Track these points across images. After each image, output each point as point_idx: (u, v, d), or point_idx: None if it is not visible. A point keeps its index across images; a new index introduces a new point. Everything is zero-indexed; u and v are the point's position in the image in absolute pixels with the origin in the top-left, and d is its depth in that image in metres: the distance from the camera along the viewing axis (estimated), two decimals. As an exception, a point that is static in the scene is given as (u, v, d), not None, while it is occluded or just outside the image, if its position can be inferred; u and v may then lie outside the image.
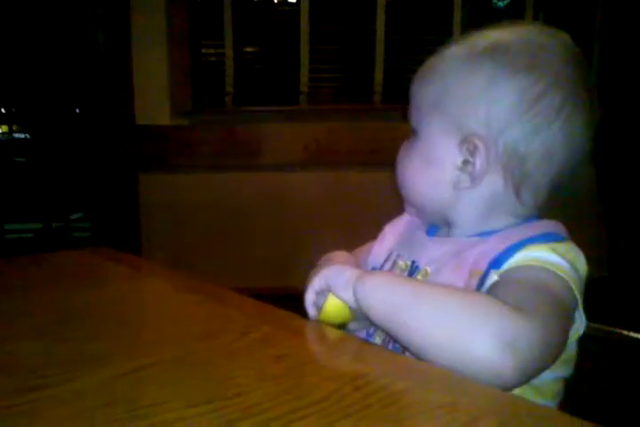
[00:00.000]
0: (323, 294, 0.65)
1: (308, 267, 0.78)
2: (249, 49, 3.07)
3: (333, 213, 2.86)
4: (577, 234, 0.68)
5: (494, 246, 0.63)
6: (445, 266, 0.66)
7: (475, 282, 0.61)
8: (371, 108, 3.06)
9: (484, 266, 0.62)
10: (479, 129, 0.65)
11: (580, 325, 0.60)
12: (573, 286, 0.58)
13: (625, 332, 0.75)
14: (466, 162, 0.66)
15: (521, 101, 0.64)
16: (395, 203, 0.80)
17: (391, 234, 0.80)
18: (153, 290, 0.79)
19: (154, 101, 2.84)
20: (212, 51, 3.02)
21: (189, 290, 0.76)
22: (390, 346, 0.67)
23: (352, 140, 2.95)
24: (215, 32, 2.95)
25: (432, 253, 0.70)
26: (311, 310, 0.67)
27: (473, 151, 0.65)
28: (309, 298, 0.67)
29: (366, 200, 2.80)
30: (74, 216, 4.35)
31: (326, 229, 2.60)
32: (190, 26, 2.88)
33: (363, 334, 0.71)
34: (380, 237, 0.82)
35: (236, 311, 0.67)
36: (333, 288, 0.63)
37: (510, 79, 0.64)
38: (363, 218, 2.81)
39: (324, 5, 2.98)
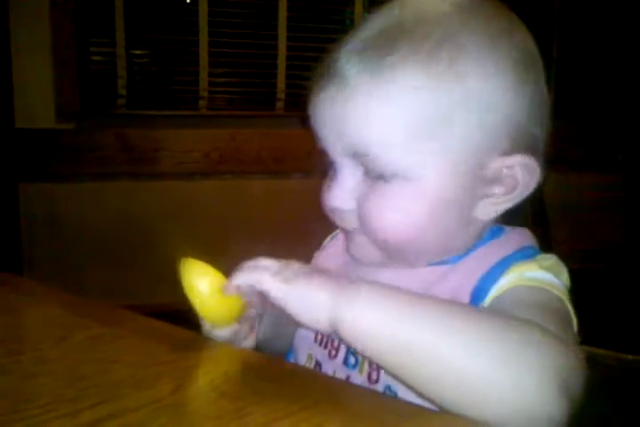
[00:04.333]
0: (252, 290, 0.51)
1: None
2: (143, 50, 2.88)
3: (238, 224, 2.72)
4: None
5: (470, 275, 0.53)
6: None
7: None
8: (273, 115, 2.98)
9: (465, 300, 0.52)
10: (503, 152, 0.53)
11: None
12: (570, 307, 0.52)
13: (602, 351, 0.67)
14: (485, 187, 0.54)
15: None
16: (301, 211, 0.67)
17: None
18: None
19: (36, 102, 2.58)
20: (102, 49, 2.80)
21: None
22: (381, 385, 0.54)
23: (255, 147, 2.85)
24: (106, 30, 2.74)
25: None
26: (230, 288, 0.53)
27: (504, 178, 0.54)
28: (238, 280, 0.52)
29: (272, 209, 2.71)
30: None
31: (231, 241, 2.44)
32: (78, 23, 2.65)
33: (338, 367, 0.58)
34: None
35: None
36: (290, 307, 0.48)
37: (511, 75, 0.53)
38: (269, 228, 2.71)
39: (224, 5, 2.84)
